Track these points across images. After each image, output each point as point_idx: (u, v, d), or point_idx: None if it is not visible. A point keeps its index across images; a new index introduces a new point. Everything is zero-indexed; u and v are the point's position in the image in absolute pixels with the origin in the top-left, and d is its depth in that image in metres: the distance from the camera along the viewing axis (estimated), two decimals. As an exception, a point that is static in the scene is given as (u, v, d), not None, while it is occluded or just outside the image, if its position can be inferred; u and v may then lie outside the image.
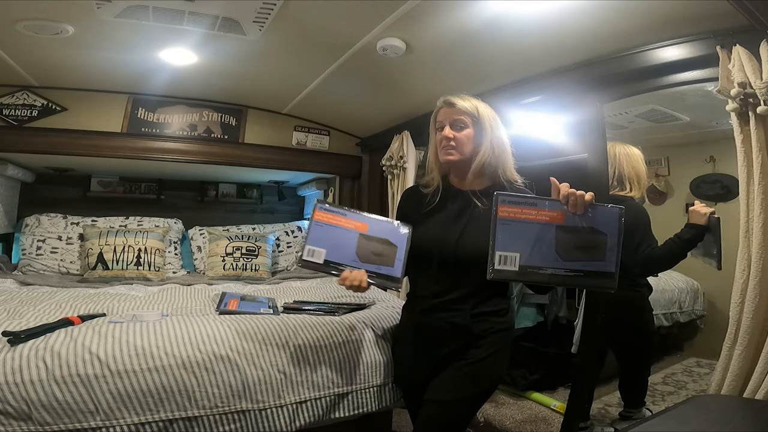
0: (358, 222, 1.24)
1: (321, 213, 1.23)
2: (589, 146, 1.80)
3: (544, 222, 0.99)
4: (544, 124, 2.14)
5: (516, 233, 0.99)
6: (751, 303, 1.31)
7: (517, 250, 0.99)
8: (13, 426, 1.10)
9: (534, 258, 1.00)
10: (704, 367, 2.57)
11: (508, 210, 1.00)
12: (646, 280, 1.99)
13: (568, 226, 0.99)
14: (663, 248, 1.69)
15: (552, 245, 1.00)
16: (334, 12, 1.65)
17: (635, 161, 1.89)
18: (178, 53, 2.05)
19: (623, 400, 2.12)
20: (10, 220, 2.89)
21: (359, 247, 1.22)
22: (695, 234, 1.60)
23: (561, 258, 1.00)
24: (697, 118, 2.32)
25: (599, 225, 1.00)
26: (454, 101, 1.25)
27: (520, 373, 2.59)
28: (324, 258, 1.20)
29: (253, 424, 1.34)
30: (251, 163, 2.94)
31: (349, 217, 1.24)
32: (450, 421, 1.21)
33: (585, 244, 1.00)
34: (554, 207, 1.00)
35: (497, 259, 0.99)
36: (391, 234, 1.25)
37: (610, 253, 1.00)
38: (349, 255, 1.22)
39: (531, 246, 1.00)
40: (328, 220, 1.23)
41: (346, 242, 1.22)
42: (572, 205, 0.98)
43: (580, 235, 1.00)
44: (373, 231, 1.24)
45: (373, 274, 1.21)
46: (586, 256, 1.00)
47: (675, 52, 1.52)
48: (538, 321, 2.76)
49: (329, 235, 1.22)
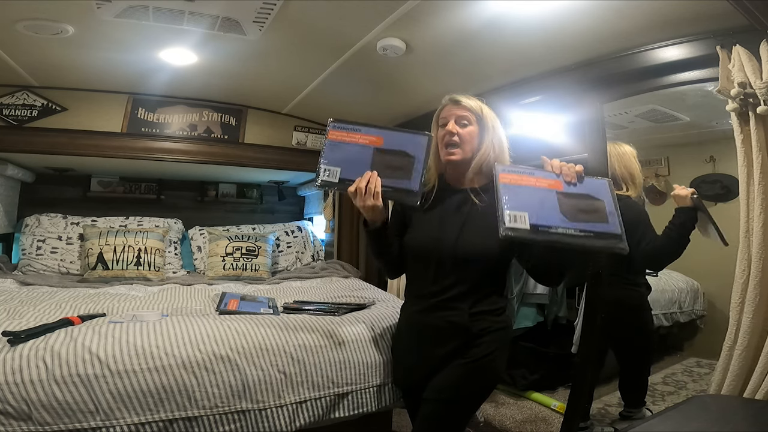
0: (372, 136, 1.20)
1: (335, 132, 1.19)
2: (589, 146, 1.80)
3: (544, 188, 1.04)
4: (544, 124, 2.14)
5: (520, 195, 1.02)
6: (751, 303, 1.31)
7: (525, 209, 1.01)
8: (13, 426, 1.10)
9: (542, 218, 1.02)
10: (704, 367, 2.57)
11: (509, 177, 1.04)
12: (645, 280, 1.99)
13: (567, 192, 1.04)
14: (662, 239, 1.71)
15: (556, 208, 1.03)
16: (334, 12, 1.65)
17: (627, 160, 1.88)
18: (178, 53, 2.05)
19: (623, 399, 2.12)
20: (10, 220, 2.89)
21: (374, 162, 1.18)
22: (685, 216, 1.62)
23: (568, 219, 1.03)
24: (697, 118, 2.32)
25: (594, 192, 1.05)
26: (459, 98, 1.27)
27: (520, 373, 2.59)
28: (339, 176, 1.17)
29: (253, 424, 1.34)
30: (251, 163, 2.94)
31: (364, 132, 1.20)
32: (449, 419, 1.21)
33: (587, 207, 1.04)
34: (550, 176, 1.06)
35: (507, 217, 1.00)
36: (408, 145, 1.19)
37: (612, 216, 1.04)
38: (364, 171, 1.17)
39: (537, 207, 1.02)
40: (342, 138, 1.19)
41: (361, 158, 1.18)
42: (566, 175, 1.04)
43: (580, 200, 1.05)
44: (389, 143, 1.19)
45: (389, 189, 1.16)
46: (591, 218, 1.04)
47: (675, 52, 1.52)
48: (538, 321, 2.75)
49: (344, 152, 1.18)
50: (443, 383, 1.22)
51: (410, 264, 1.31)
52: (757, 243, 1.31)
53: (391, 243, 1.28)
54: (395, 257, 1.30)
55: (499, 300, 1.25)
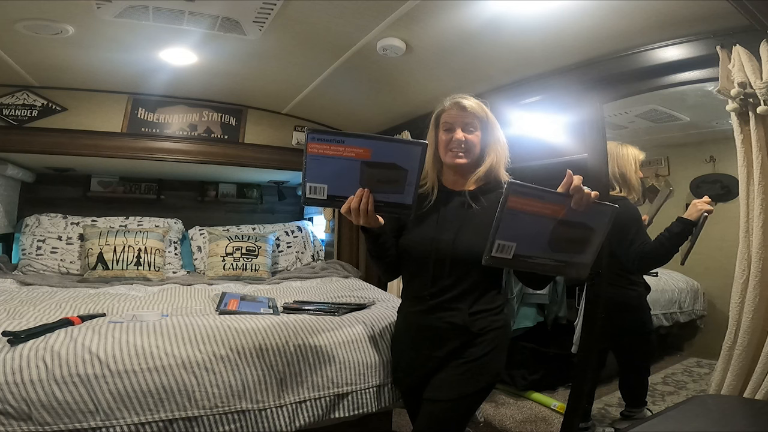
0: (359, 148, 1.06)
1: (315, 145, 1.05)
2: (589, 146, 1.80)
3: (546, 215, 1.01)
4: (544, 124, 2.13)
5: (519, 224, 1.00)
6: (751, 303, 1.31)
7: (515, 240, 1.00)
8: (13, 426, 1.10)
9: (527, 248, 1.01)
10: (704, 367, 2.57)
11: (518, 201, 0.98)
12: (643, 280, 1.99)
13: (566, 221, 1.01)
14: (654, 243, 1.70)
15: (546, 237, 1.02)
16: (334, 12, 1.65)
17: (623, 161, 1.87)
18: (178, 53, 2.05)
19: (624, 399, 2.12)
20: (10, 220, 2.89)
21: (364, 177, 1.08)
22: (685, 228, 1.62)
23: (551, 249, 1.02)
24: (697, 118, 2.32)
25: (591, 221, 1.02)
26: (465, 104, 1.23)
27: (520, 373, 2.59)
28: (327, 194, 1.09)
29: (253, 424, 1.34)
30: (251, 163, 2.94)
31: (348, 144, 1.06)
32: (449, 419, 1.21)
33: (576, 237, 1.03)
34: (558, 200, 1.00)
35: (496, 246, 1.00)
36: (400, 156, 1.07)
37: (592, 247, 1.04)
38: (353, 187, 1.09)
39: (529, 238, 1.01)
40: (324, 151, 1.06)
41: (348, 173, 1.07)
42: (576, 202, 0.98)
43: (574, 229, 1.02)
44: (378, 155, 1.07)
45: (381, 204, 1.10)
46: (574, 249, 1.03)
47: (675, 52, 1.52)
48: (538, 321, 2.75)
49: (328, 167, 1.07)
50: (443, 383, 1.22)
51: (407, 265, 1.30)
52: (757, 243, 1.31)
53: (390, 246, 1.27)
54: (393, 259, 1.29)
55: (497, 298, 1.26)
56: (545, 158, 2.00)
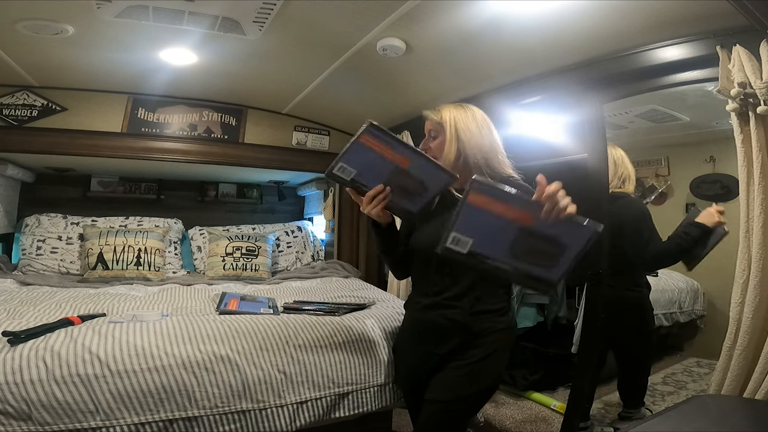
0: (402, 156, 1.13)
1: (369, 138, 1.12)
2: (589, 146, 1.80)
3: (510, 219, 0.94)
4: (544, 124, 2.13)
5: (478, 221, 0.95)
6: (751, 303, 1.31)
7: (472, 236, 0.96)
8: (13, 426, 1.10)
9: (486, 247, 0.97)
10: (704, 367, 2.57)
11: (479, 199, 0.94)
12: (645, 279, 1.99)
13: (532, 230, 0.94)
14: (672, 244, 1.74)
15: (508, 242, 0.96)
16: (334, 12, 1.65)
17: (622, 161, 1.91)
18: (178, 53, 2.05)
19: (622, 400, 2.12)
20: (10, 220, 2.89)
21: (390, 179, 1.15)
22: (702, 233, 1.67)
23: (510, 255, 0.96)
24: (697, 118, 2.32)
25: (564, 237, 0.93)
26: (425, 113, 1.32)
27: (520, 373, 2.59)
28: (352, 177, 1.16)
29: (253, 424, 1.34)
30: (251, 163, 2.94)
31: (395, 150, 1.13)
32: (450, 420, 1.22)
33: (540, 249, 0.95)
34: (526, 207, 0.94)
35: (450, 238, 0.96)
36: (430, 177, 1.15)
37: (562, 265, 0.95)
38: (377, 181, 1.16)
39: (488, 236, 0.96)
40: (372, 146, 1.12)
41: (378, 169, 1.15)
42: (545, 212, 0.91)
43: (540, 241, 0.94)
44: (414, 168, 1.14)
45: (390, 202, 1.18)
46: (536, 261, 0.96)
47: (675, 52, 1.52)
48: (538, 321, 2.75)
49: (367, 158, 1.14)
50: (443, 384, 1.22)
51: (414, 264, 1.34)
52: (757, 243, 1.31)
53: (398, 243, 1.33)
54: (401, 256, 1.35)
55: (502, 300, 1.26)
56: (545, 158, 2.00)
